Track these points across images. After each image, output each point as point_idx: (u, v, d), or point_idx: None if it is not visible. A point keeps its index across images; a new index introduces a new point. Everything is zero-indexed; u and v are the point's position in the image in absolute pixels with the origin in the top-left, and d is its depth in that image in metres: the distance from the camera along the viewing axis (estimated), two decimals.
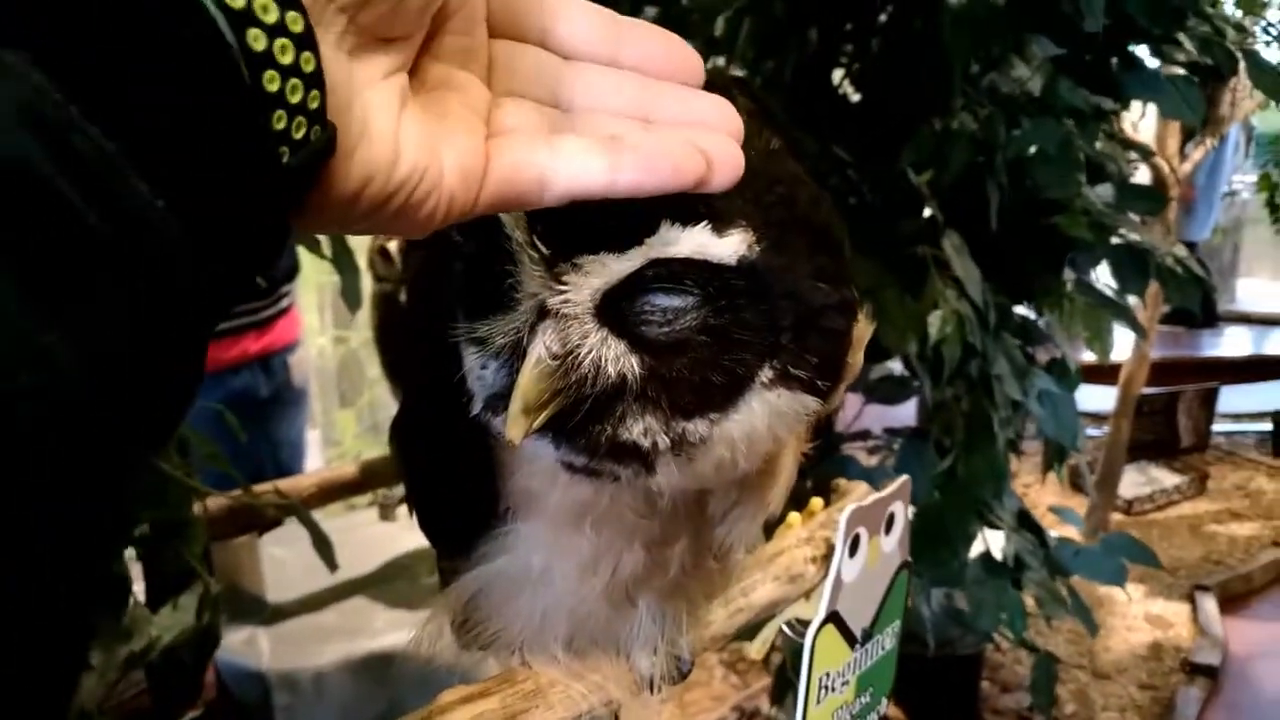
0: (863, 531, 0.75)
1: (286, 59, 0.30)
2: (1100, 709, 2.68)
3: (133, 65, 0.27)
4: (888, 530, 0.78)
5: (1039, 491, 3.68)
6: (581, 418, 0.43)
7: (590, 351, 0.42)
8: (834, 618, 0.74)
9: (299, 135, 0.31)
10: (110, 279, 0.26)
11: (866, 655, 0.80)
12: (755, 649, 0.81)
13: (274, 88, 0.30)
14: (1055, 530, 1.64)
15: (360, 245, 1.43)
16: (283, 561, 1.49)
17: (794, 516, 0.79)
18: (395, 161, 0.34)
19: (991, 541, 1.56)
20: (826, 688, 0.75)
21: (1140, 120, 2.72)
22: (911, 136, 1.17)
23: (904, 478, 0.79)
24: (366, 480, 1.42)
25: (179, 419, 0.31)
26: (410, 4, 0.34)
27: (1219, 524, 3.57)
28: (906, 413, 1.77)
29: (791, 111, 1.40)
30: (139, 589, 1.93)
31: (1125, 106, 1.53)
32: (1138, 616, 3.04)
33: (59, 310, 0.24)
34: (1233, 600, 3.07)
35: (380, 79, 0.35)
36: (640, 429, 0.44)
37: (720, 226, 0.42)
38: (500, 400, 0.44)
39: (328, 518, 1.62)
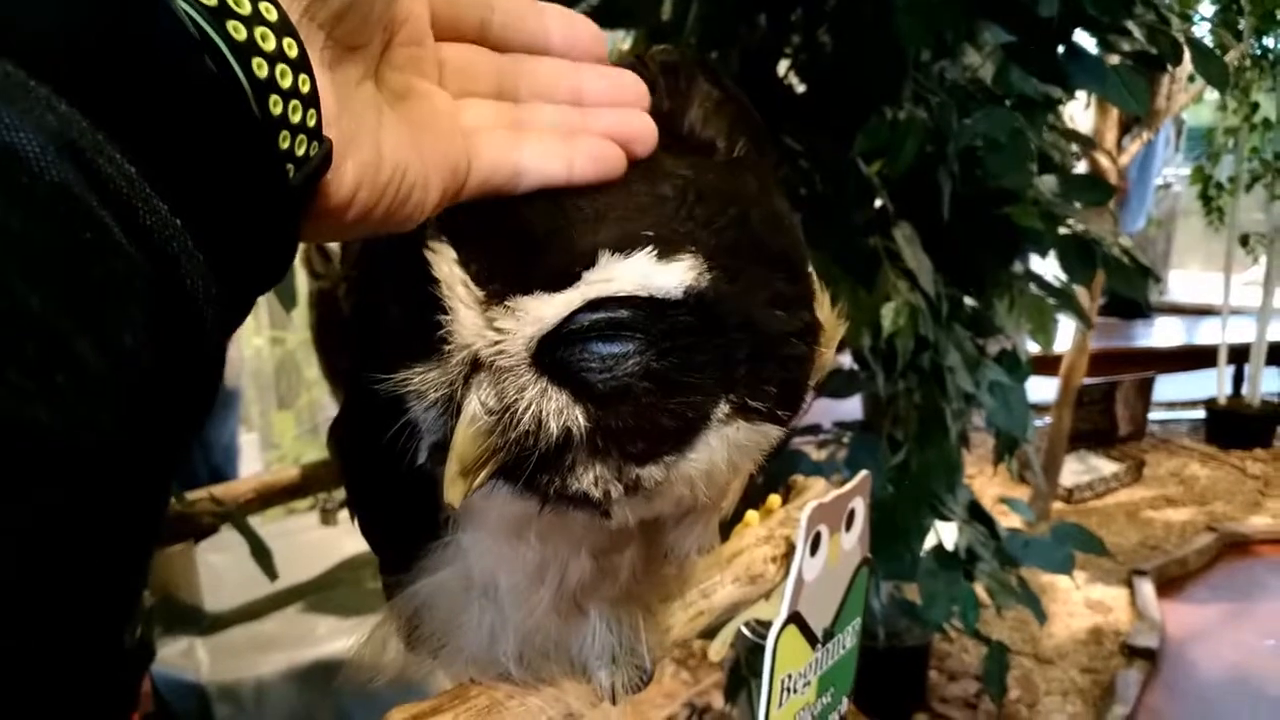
0: (824, 529, 0.73)
1: (286, 83, 0.32)
2: (1043, 693, 2.72)
3: (147, 96, 0.28)
4: (848, 527, 0.77)
5: (983, 483, 3.73)
6: (527, 470, 0.40)
7: (529, 405, 0.39)
8: (795, 618, 0.72)
9: (301, 152, 0.33)
10: (133, 292, 0.27)
11: (828, 655, 0.78)
12: (714, 650, 0.79)
13: (278, 111, 0.32)
14: (1003, 521, 1.65)
15: None
16: (220, 569, 1.43)
17: (751, 515, 0.77)
18: (379, 164, 0.36)
19: (943, 533, 1.56)
20: (789, 689, 0.73)
21: (1075, 114, 2.77)
22: (862, 126, 1.16)
23: (864, 473, 0.77)
24: (307, 484, 1.37)
25: (197, 425, 0.32)
26: (375, 11, 0.36)
27: (1155, 510, 3.66)
28: (853, 406, 1.77)
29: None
30: None
31: (1071, 96, 1.54)
32: (1079, 602, 3.11)
33: (91, 318, 0.26)
34: (1169, 584, 3.15)
35: (354, 87, 0.36)
36: (590, 479, 0.41)
37: (665, 253, 0.38)
38: (442, 451, 0.40)
39: (266, 522, 1.56)
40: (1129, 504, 3.71)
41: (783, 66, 1.50)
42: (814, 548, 0.73)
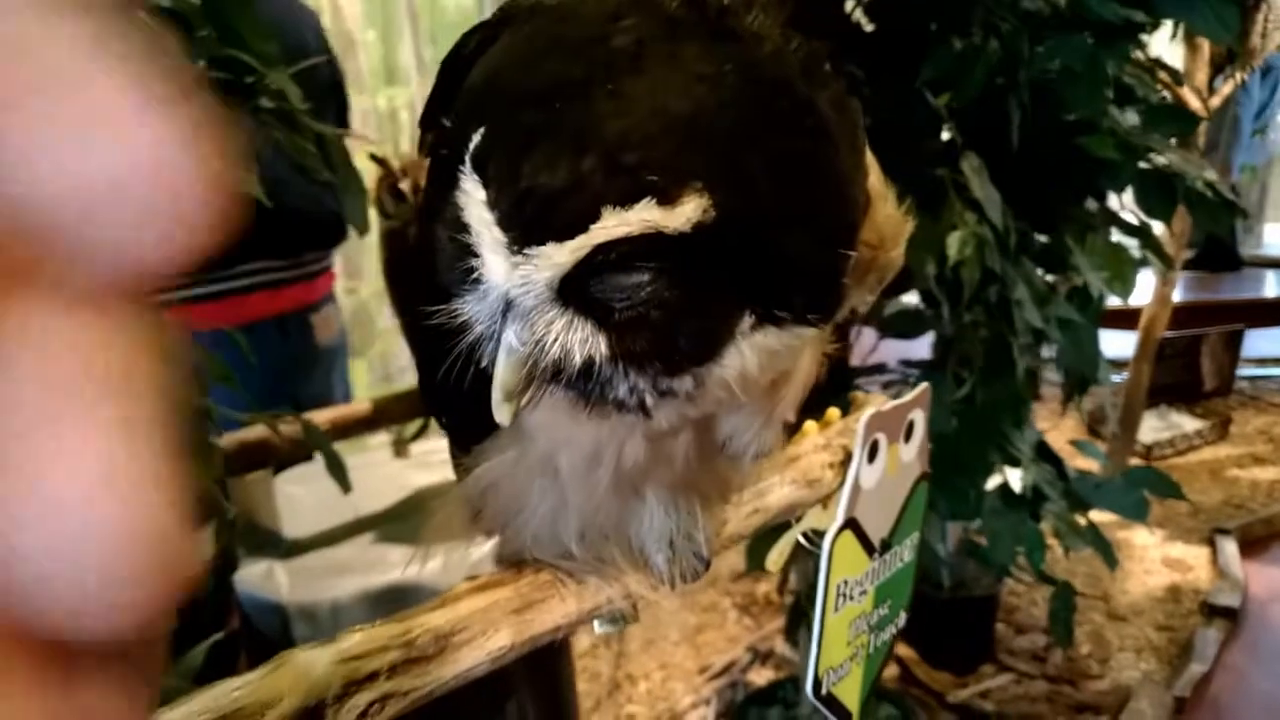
0: (881, 438, 0.73)
1: None
2: (1116, 649, 2.68)
3: None
4: (907, 438, 0.77)
5: (1056, 435, 3.66)
6: (570, 380, 0.44)
7: (556, 338, 0.42)
8: (852, 524, 0.73)
9: None
10: None
11: (885, 566, 0.78)
12: (771, 560, 0.80)
13: None
14: (1074, 465, 1.62)
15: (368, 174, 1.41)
16: (298, 500, 1.49)
17: (810, 425, 0.77)
18: None
19: (1011, 479, 1.54)
20: (845, 595, 0.74)
21: (1164, 53, 2.65)
22: (929, 55, 1.14)
23: (924, 385, 0.77)
24: (379, 417, 1.42)
25: None
26: None
27: (1241, 469, 3.55)
28: (922, 349, 1.75)
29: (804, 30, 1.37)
30: None
31: (1157, 25, 1.48)
32: (1156, 560, 3.04)
33: None
34: (1253, 544, 3.06)
35: None
36: (625, 389, 0.44)
37: (668, 198, 0.39)
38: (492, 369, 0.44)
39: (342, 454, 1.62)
40: (1213, 462, 3.60)
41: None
42: (871, 456, 0.73)
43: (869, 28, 1.48)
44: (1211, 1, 1.27)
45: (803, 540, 0.78)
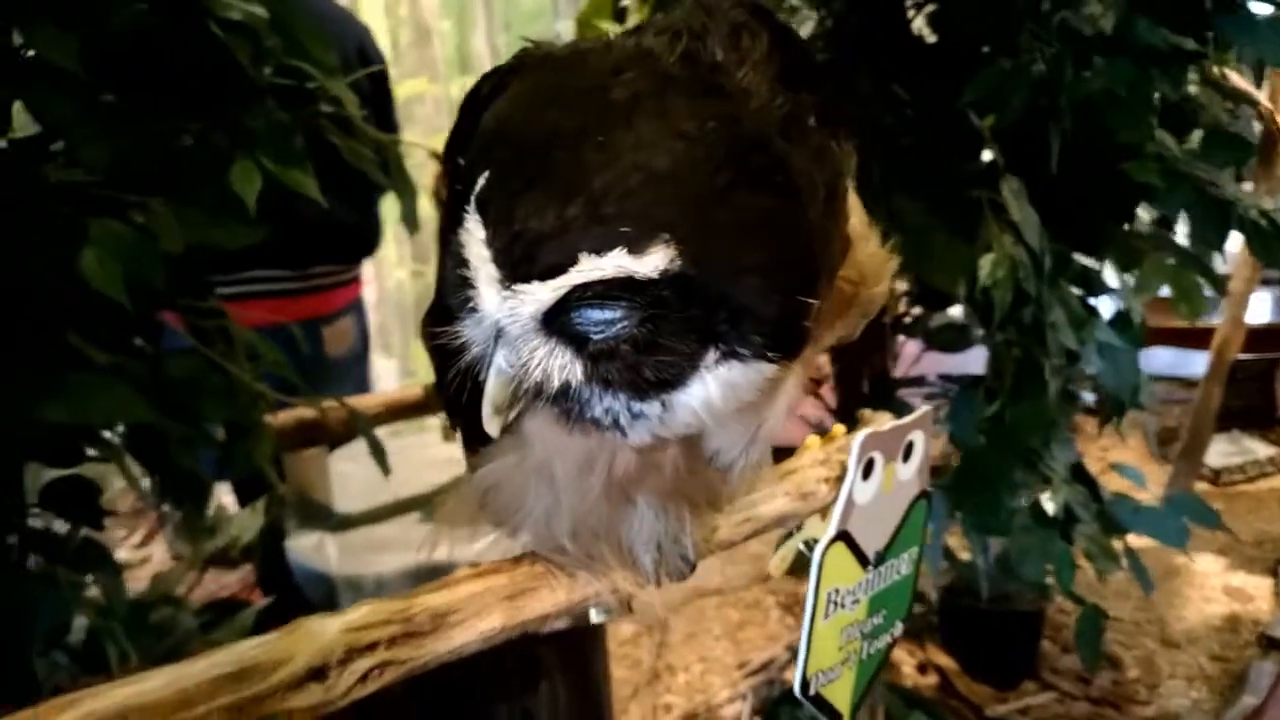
0: (878, 456, 0.77)
1: None
2: (1166, 676, 2.64)
3: None
4: (906, 458, 0.80)
5: (1119, 455, 3.59)
6: (552, 399, 0.50)
7: (539, 363, 0.48)
8: (844, 537, 0.76)
9: None
10: None
11: (880, 577, 0.82)
12: (774, 566, 0.84)
13: None
14: (1114, 487, 1.61)
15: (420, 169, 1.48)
16: (349, 477, 1.58)
17: (813, 440, 0.81)
18: None
19: (1046, 502, 1.54)
20: (836, 603, 0.78)
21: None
22: (974, 77, 1.15)
23: (925, 409, 0.81)
24: (430, 402, 1.49)
25: None
26: None
27: None
28: (972, 361, 1.76)
29: (857, 47, 1.39)
30: (229, 502, 2.06)
31: (1220, 49, 1.46)
32: (1216, 588, 2.97)
33: None
34: None
35: None
36: (601, 410, 0.50)
37: (638, 248, 0.44)
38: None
39: (394, 436, 1.71)
40: None
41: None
42: (867, 473, 0.77)
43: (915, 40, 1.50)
44: (1276, 25, 1.25)
45: (803, 548, 0.82)
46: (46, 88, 0.83)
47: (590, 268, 0.44)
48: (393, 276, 2.88)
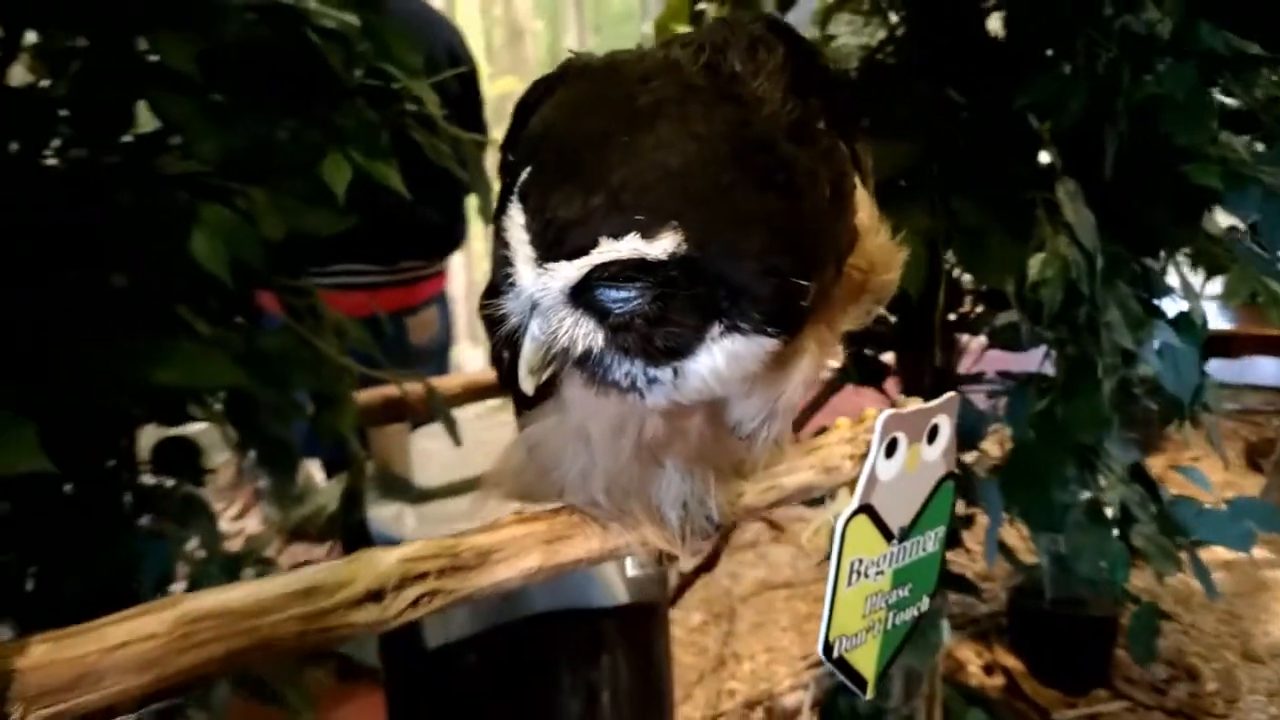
0: (901, 437, 0.82)
1: None
2: (1246, 691, 2.58)
3: None
4: (931, 440, 0.85)
5: (1208, 466, 3.49)
6: (579, 362, 0.57)
7: (567, 331, 0.56)
8: (867, 510, 0.82)
9: None
10: None
11: (905, 552, 0.87)
12: (806, 537, 0.90)
13: None
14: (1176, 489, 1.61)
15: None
16: (429, 454, 1.69)
17: (843, 421, 0.87)
18: None
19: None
20: (859, 572, 0.83)
21: None
22: (1031, 81, 1.18)
23: (951, 394, 0.85)
24: None
25: None
26: None
27: None
28: (1034, 360, 1.77)
29: (925, 51, 1.43)
30: (320, 479, 2.19)
31: None
32: None
33: None
34: None
35: None
36: (620, 373, 0.58)
37: (650, 233, 0.51)
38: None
39: (477, 418, 1.80)
40: None
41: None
42: (890, 452, 0.82)
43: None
44: None
45: (833, 521, 0.87)
46: (166, 89, 0.95)
47: (609, 249, 0.52)
48: (481, 269, 3.00)
